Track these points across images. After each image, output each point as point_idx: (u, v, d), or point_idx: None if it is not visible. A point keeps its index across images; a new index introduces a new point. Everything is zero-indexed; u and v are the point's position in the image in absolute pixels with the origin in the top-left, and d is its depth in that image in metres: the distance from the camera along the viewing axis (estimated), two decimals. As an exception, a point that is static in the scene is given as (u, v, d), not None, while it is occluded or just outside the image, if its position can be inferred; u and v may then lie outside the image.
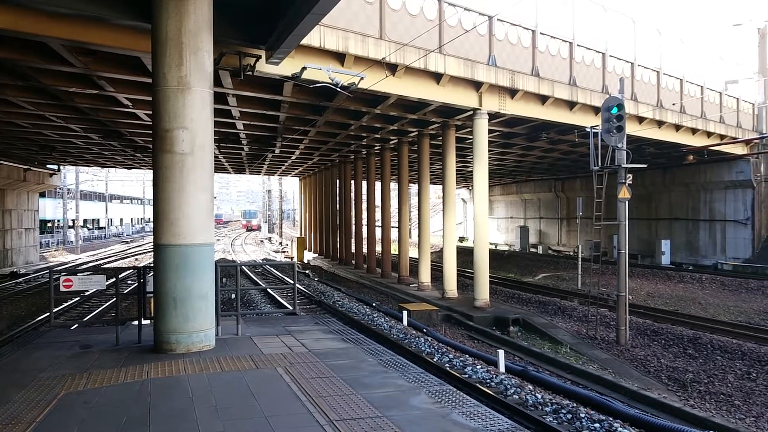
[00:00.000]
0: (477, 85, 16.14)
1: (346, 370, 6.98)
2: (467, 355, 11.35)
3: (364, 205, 30.12)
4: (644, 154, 26.07)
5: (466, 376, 9.52)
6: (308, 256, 40.23)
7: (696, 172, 29.19)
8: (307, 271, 28.38)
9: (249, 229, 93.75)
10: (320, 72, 12.18)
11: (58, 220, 55.87)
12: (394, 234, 35.77)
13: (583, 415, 7.59)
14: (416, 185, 25.94)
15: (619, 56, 19.75)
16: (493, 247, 42.31)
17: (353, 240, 31.31)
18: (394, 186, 34.86)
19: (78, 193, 51.62)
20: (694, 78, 23.41)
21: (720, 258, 28.38)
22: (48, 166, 32.26)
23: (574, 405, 8.13)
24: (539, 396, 8.44)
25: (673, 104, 22.04)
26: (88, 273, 8.95)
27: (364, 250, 30.19)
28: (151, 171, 8.39)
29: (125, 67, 12.64)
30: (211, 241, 8.29)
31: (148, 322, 8.86)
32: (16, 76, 13.25)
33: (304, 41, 11.24)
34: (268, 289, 17.17)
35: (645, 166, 16.30)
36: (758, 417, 9.58)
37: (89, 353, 7.99)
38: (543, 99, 17.71)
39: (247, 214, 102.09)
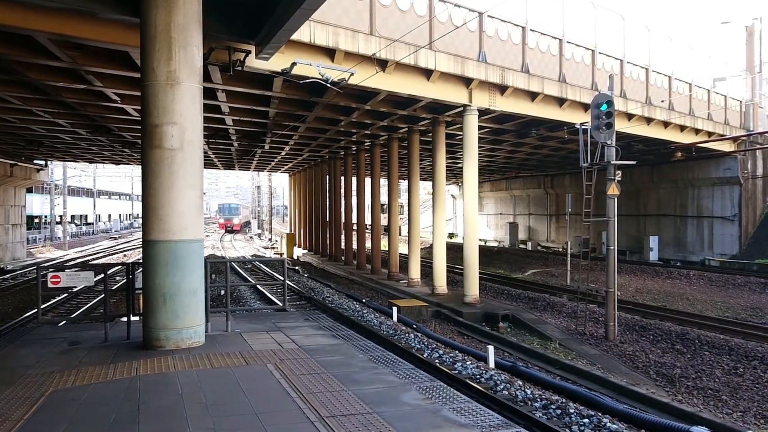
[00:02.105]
0: (467, 82, 16.15)
1: (336, 367, 6.97)
2: (457, 351, 11.38)
3: (354, 201, 30.10)
4: (633, 150, 26.23)
5: (456, 372, 9.54)
6: (298, 252, 40.15)
7: (684, 169, 29.40)
8: (296, 268, 28.31)
9: (229, 231, 67.44)
10: (310, 67, 12.15)
11: (46, 216, 55.41)
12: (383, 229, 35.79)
13: (572, 411, 7.63)
14: (406, 181, 25.93)
15: (608, 53, 19.82)
16: (482, 243, 42.42)
17: (343, 236, 31.27)
18: (384, 182, 34.87)
19: (65, 189, 51.20)
20: (682, 75, 23.55)
21: (707, 254, 28.62)
22: (35, 161, 32.01)
23: (564, 400, 8.17)
24: (529, 392, 8.47)
25: (662, 101, 22.17)
26: (76, 269, 8.87)
27: (354, 246, 30.17)
28: (140, 167, 8.33)
29: (113, 62, 12.53)
30: (201, 237, 8.25)
31: (137, 318, 8.80)
32: (1, 71, 13.09)
33: (294, 36, 11.21)
34: (258, 286, 17.11)
35: (634, 162, 16.41)
36: (745, 412, 9.67)
37: (77, 350, 7.92)
38: (533, 95, 17.75)
39: (224, 209, 71.99)
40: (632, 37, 20.80)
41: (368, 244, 30.84)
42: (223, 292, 16.76)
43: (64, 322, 12.38)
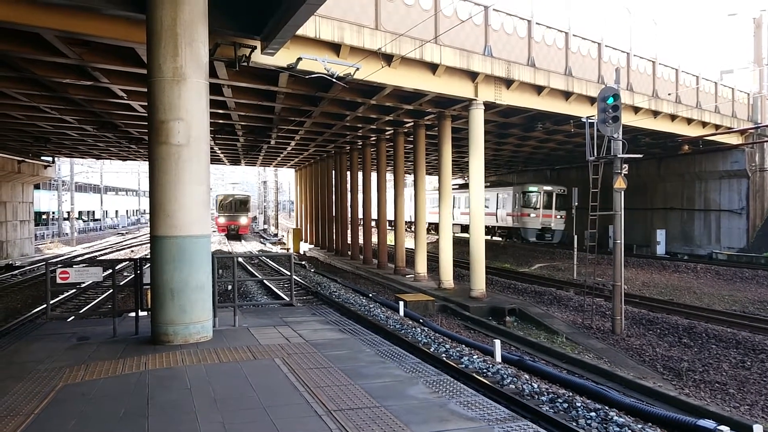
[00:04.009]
0: (473, 76, 16.10)
1: (343, 361, 7.00)
2: (464, 345, 11.38)
3: (360, 196, 30.09)
4: (639, 144, 26.09)
5: (463, 366, 9.55)
6: (304, 247, 40.21)
7: (691, 162, 29.23)
8: (303, 262, 28.37)
9: (233, 235, 49.22)
10: (316, 62, 12.14)
11: (53, 212, 55.67)
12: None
13: (579, 404, 7.63)
14: (412, 176, 25.89)
15: (614, 46, 19.72)
16: (488, 237, 42.32)
17: (349, 231, 31.28)
18: (390, 177, 34.81)
19: (73, 185, 51.39)
20: (689, 68, 23.44)
21: (715, 247, 28.48)
22: (42, 157, 32.12)
23: (570, 394, 8.17)
24: (536, 385, 8.48)
25: (669, 94, 22.04)
26: (85, 265, 8.93)
27: (360, 240, 30.19)
28: (147, 163, 8.36)
29: (120, 58, 12.55)
30: (208, 232, 8.29)
31: (145, 313, 8.86)
32: (9, 68, 13.15)
33: (300, 32, 11.19)
34: (265, 281, 17.18)
35: (640, 156, 16.32)
36: (753, 405, 9.65)
37: (87, 345, 7.99)
38: (539, 89, 17.68)
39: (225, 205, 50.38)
40: (639, 29, 20.85)
41: (374, 239, 30.82)
42: (230, 288, 16.83)
43: (72, 317, 12.49)
